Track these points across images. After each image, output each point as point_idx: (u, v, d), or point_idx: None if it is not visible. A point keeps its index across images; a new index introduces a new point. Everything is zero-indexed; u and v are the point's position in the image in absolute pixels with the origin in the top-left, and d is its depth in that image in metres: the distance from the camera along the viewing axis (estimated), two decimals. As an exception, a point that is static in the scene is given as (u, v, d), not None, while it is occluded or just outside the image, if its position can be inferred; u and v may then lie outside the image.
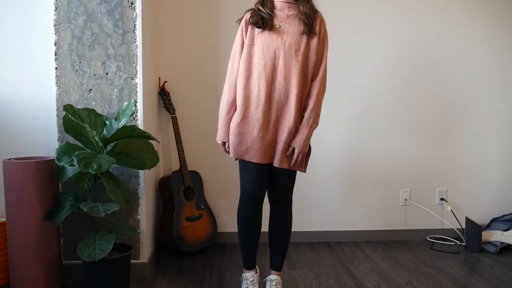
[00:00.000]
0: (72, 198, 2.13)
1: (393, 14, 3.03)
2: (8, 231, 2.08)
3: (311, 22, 1.93)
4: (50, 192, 2.12)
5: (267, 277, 2.17)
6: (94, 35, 2.28)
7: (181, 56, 2.96)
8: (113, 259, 2.08)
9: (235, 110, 2.00)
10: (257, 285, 2.16)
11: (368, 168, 3.09)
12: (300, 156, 1.96)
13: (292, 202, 2.14)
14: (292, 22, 1.95)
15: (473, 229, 2.90)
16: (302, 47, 1.93)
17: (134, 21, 2.28)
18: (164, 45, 2.94)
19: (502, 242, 2.87)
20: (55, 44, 2.27)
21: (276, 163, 1.97)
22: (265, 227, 2.13)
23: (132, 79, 2.30)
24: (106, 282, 2.08)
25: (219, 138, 2.04)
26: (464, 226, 3.01)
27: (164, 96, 2.86)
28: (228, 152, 2.03)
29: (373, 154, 3.09)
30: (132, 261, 2.24)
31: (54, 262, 2.16)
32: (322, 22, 1.99)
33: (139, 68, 2.30)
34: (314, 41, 1.95)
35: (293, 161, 1.97)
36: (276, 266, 2.17)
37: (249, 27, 1.97)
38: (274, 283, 2.14)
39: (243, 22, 2.00)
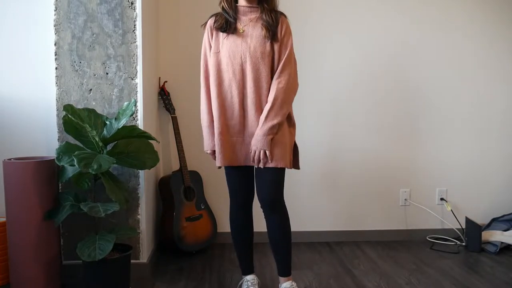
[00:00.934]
0: (72, 198, 2.13)
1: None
2: (8, 231, 2.08)
3: (273, 29, 1.93)
4: (50, 192, 2.12)
5: (280, 286, 2.09)
6: (94, 35, 2.28)
7: (181, 56, 2.96)
8: (113, 259, 2.08)
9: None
10: (257, 286, 2.16)
11: (368, 168, 3.09)
12: (259, 153, 1.90)
13: (284, 203, 2.04)
14: (254, 25, 1.94)
15: (473, 229, 2.90)
16: (268, 49, 1.92)
17: (134, 21, 2.28)
18: (164, 45, 2.94)
19: (502, 242, 2.87)
20: (55, 44, 2.27)
21: (250, 162, 1.97)
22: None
23: (132, 79, 2.30)
24: (106, 282, 2.08)
25: (207, 148, 2.05)
26: (464, 226, 3.01)
27: (164, 96, 2.86)
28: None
29: (373, 154, 3.09)
30: (132, 261, 2.24)
31: (54, 262, 2.16)
32: (286, 26, 1.97)
33: (139, 68, 2.30)
34: (277, 45, 1.93)
35: (254, 159, 1.92)
36: (283, 272, 2.09)
37: (214, 33, 1.98)
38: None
39: (208, 28, 2.01)
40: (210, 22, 2.00)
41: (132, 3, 2.27)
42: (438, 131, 3.12)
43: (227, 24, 1.94)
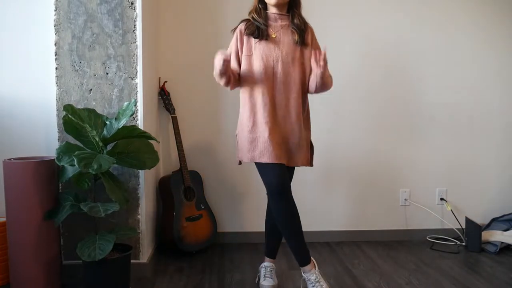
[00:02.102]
0: (72, 198, 2.13)
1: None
2: (8, 231, 2.08)
3: (303, 34, 2.07)
4: (50, 192, 2.12)
5: (303, 277, 2.11)
6: (94, 35, 2.28)
7: (181, 56, 2.96)
8: (113, 259, 2.08)
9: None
10: (274, 274, 2.26)
11: (368, 168, 3.09)
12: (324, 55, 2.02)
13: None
14: (285, 32, 2.07)
15: (473, 229, 2.90)
16: (297, 55, 2.07)
17: (134, 21, 2.28)
18: (164, 45, 2.94)
19: (502, 242, 2.87)
20: (55, 44, 2.27)
21: (292, 164, 2.10)
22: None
23: (132, 79, 2.30)
24: (106, 282, 2.08)
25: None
26: (464, 226, 3.01)
27: (164, 96, 2.86)
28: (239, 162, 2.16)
29: (373, 154, 3.09)
30: (132, 261, 2.24)
31: (54, 262, 2.16)
32: (312, 32, 2.14)
33: (139, 68, 2.30)
34: (307, 51, 2.09)
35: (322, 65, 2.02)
36: (302, 260, 2.10)
37: (245, 37, 2.07)
38: (313, 279, 2.06)
39: (237, 32, 2.10)
40: (241, 27, 2.09)
41: (132, 3, 2.27)
42: (438, 131, 3.12)
43: (259, 30, 2.05)
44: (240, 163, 2.18)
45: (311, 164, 2.20)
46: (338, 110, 3.04)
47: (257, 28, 2.05)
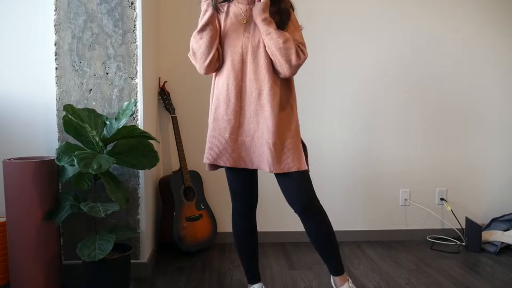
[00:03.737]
0: (72, 198, 2.14)
1: (396, 15, 3.03)
2: (8, 231, 2.08)
3: (286, 21, 1.78)
4: (50, 192, 2.12)
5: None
6: (94, 35, 2.28)
7: (181, 56, 2.95)
8: (113, 259, 2.08)
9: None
10: None
11: (368, 168, 3.09)
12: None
13: (318, 202, 1.87)
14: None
15: (473, 229, 2.90)
16: None
17: (134, 21, 2.28)
18: (164, 45, 2.94)
19: (502, 242, 2.87)
20: (55, 44, 2.27)
21: (268, 168, 1.76)
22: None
23: (132, 79, 2.30)
24: (106, 282, 2.08)
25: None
26: (464, 226, 3.01)
27: (164, 96, 2.86)
28: None
29: (373, 154, 3.09)
30: (132, 261, 2.24)
31: (54, 262, 2.16)
32: (291, 16, 1.81)
33: (139, 68, 2.30)
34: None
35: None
36: (336, 271, 1.95)
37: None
38: None
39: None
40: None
41: (132, 3, 2.27)
42: (438, 131, 3.12)
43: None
44: (209, 168, 1.91)
45: (303, 168, 1.80)
46: (338, 110, 3.04)
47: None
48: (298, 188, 1.82)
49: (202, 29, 1.75)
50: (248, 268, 2.04)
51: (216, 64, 1.82)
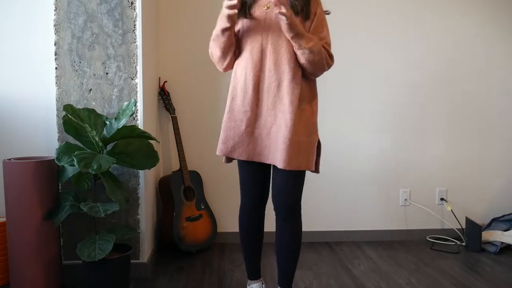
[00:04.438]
0: (72, 198, 2.13)
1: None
2: (8, 231, 2.08)
3: (308, 5, 1.68)
4: (50, 192, 2.12)
5: None
6: (94, 35, 2.28)
7: (181, 56, 2.96)
8: (113, 259, 2.08)
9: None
10: None
11: (368, 168, 3.09)
12: (285, 21, 1.60)
13: (300, 210, 1.87)
14: (282, 1, 1.63)
15: (473, 229, 2.90)
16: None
17: (134, 21, 2.28)
18: (164, 45, 2.94)
19: (502, 242, 2.87)
20: (55, 44, 2.27)
21: (280, 164, 1.69)
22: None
23: (132, 79, 2.30)
24: (106, 282, 2.08)
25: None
26: (464, 226, 3.01)
27: (164, 96, 2.86)
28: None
29: (373, 153, 3.09)
30: (132, 261, 2.24)
31: (54, 262, 2.16)
32: (318, 2, 1.73)
33: (139, 68, 2.30)
34: (308, 23, 1.70)
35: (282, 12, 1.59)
36: (283, 282, 1.90)
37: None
38: None
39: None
40: None
41: (132, 3, 2.27)
42: (438, 131, 3.12)
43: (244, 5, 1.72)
44: (226, 160, 1.85)
45: (314, 169, 1.80)
46: (338, 111, 3.04)
47: (242, 3, 1.71)
48: (292, 188, 1.78)
49: (222, 33, 1.72)
50: (249, 263, 2.01)
51: (233, 59, 1.80)
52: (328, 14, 1.77)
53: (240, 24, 1.75)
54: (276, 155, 1.72)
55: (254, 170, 1.83)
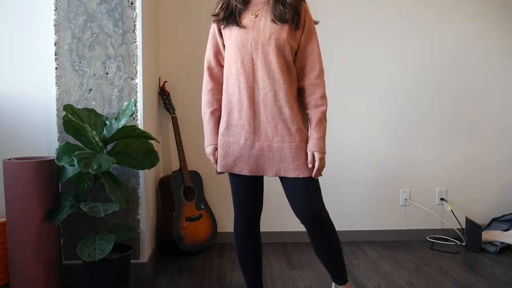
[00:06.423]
0: (72, 198, 2.14)
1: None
2: (8, 231, 2.08)
3: (297, 14, 1.64)
4: (50, 192, 2.12)
5: None
6: (94, 35, 2.28)
7: (181, 56, 2.96)
8: (113, 259, 2.08)
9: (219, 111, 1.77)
10: None
11: (368, 168, 3.09)
12: (323, 160, 1.70)
13: (327, 215, 1.81)
14: (268, 10, 1.65)
15: (473, 229, 2.90)
16: (284, 36, 1.63)
17: (134, 21, 2.28)
18: (164, 46, 2.94)
19: (502, 242, 2.87)
20: (55, 44, 2.27)
21: (293, 173, 1.67)
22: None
23: (132, 79, 2.30)
24: (106, 282, 2.08)
25: (208, 144, 1.80)
26: (464, 226, 3.01)
27: (164, 96, 2.86)
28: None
29: (373, 154, 3.09)
30: (132, 261, 2.24)
31: (54, 262, 2.16)
32: (307, 10, 1.70)
33: (139, 68, 2.30)
34: (299, 33, 1.67)
35: (316, 169, 1.68)
36: (340, 279, 1.86)
37: (223, 31, 1.76)
38: None
39: (213, 30, 1.81)
40: (214, 26, 1.80)
41: (132, 3, 2.27)
42: (438, 131, 3.12)
43: (232, 14, 1.69)
44: (217, 172, 1.80)
45: (314, 174, 1.74)
46: (338, 111, 3.04)
47: (231, 11, 1.68)
48: (310, 194, 1.74)
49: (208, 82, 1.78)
50: (250, 285, 1.89)
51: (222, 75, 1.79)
52: (317, 24, 1.76)
53: (228, 33, 1.71)
54: (282, 165, 1.69)
55: (246, 181, 1.77)
